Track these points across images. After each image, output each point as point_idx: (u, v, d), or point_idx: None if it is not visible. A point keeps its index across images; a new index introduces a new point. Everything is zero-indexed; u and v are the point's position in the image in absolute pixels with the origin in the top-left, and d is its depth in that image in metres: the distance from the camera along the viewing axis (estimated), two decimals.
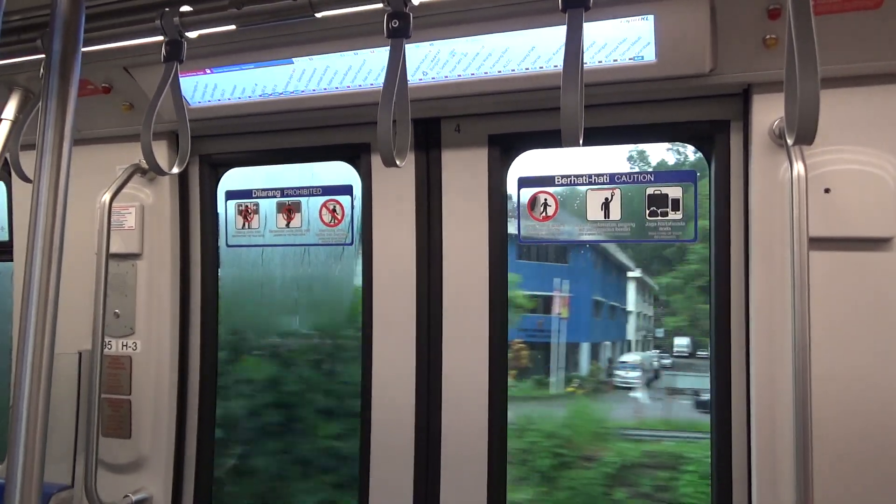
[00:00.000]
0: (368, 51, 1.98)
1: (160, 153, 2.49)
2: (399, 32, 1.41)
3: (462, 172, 2.29)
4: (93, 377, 2.31)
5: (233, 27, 1.66)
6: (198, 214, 2.64)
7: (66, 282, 1.09)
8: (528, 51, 1.88)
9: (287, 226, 2.59)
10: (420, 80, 2.01)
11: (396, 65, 1.41)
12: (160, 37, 1.67)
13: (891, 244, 1.74)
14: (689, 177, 2.11)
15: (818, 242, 1.76)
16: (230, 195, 2.66)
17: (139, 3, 1.72)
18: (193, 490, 2.63)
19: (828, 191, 1.77)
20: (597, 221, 2.19)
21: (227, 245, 2.69)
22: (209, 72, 2.18)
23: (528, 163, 2.30)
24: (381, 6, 1.43)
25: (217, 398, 2.69)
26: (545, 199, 2.26)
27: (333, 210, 2.52)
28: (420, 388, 2.32)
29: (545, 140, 2.23)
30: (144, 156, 1.69)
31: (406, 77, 1.45)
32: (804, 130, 1.09)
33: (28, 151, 2.12)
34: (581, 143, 1.24)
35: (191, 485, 2.64)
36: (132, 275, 2.54)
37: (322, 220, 2.55)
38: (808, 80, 1.06)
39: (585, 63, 1.33)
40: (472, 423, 2.26)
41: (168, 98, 1.66)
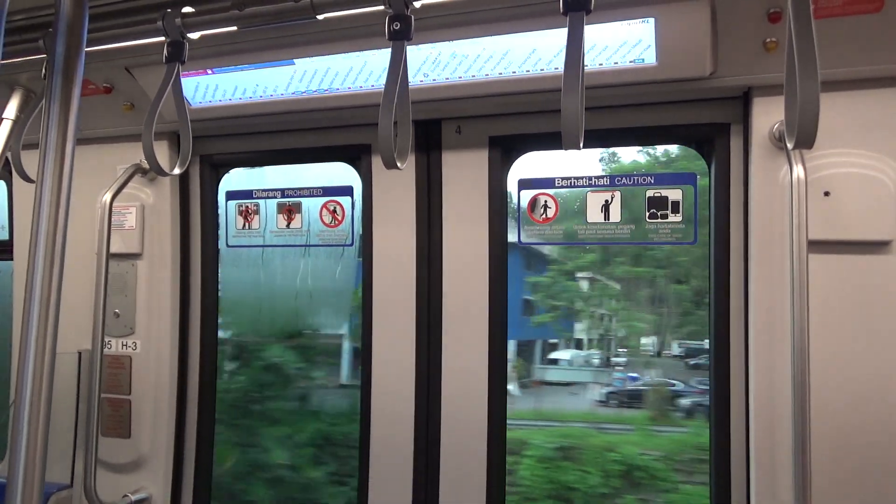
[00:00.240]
0: (369, 52, 1.98)
1: (161, 153, 2.49)
2: (400, 35, 1.42)
3: (462, 174, 2.30)
4: (92, 377, 2.31)
5: (234, 28, 1.67)
6: (198, 215, 2.65)
7: (66, 281, 1.10)
8: (529, 53, 1.88)
9: (287, 226, 2.59)
10: (421, 82, 2.02)
11: (398, 67, 1.41)
12: (162, 37, 1.68)
13: (890, 247, 1.75)
14: (690, 179, 2.11)
15: (818, 245, 1.76)
16: (230, 195, 2.66)
17: (141, 4, 1.72)
18: (193, 490, 2.64)
19: (827, 194, 1.77)
20: (597, 223, 2.19)
21: (228, 245, 2.69)
22: (210, 72, 2.19)
23: (529, 165, 2.31)
24: (383, 8, 1.43)
25: (216, 398, 2.69)
26: (545, 201, 2.26)
27: (334, 211, 2.53)
28: (419, 389, 2.32)
29: (545, 142, 2.24)
30: (146, 156, 1.69)
31: (407, 79, 1.45)
32: (804, 134, 1.09)
33: (28, 151, 2.12)
34: (581, 146, 1.24)
35: (190, 485, 2.64)
36: (132, 275, 2.55)
37: (322, 221, 2.55)
38: (808, 84, 1.07)
39: (586, 65, 1.33)
40: (472, 423, 2.27)
41: (169, 98, 1.67)
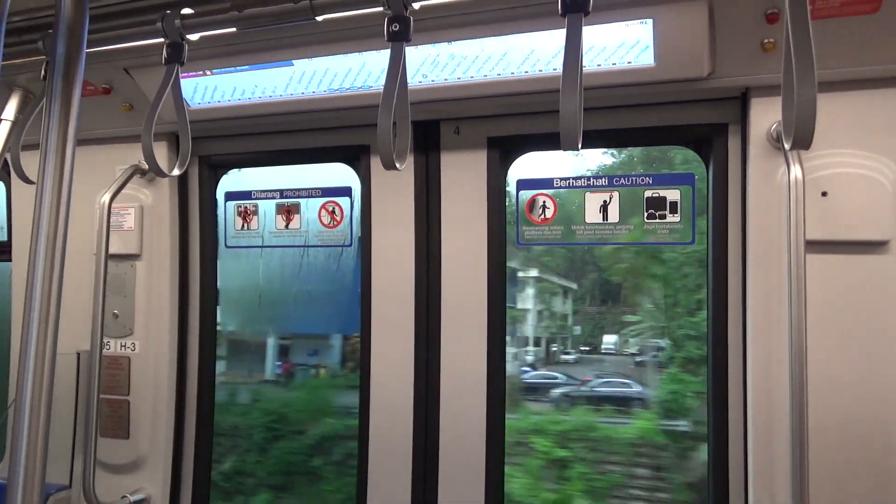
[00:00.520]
0: (368, 53, 1.99)
1: (160, 154, 2.49)
2: (399, 36, 1.42)
3: (461, 174, 2.30)
4: (91, 377, 2.31)
5: (234, 30, 1.67)
6: (197, 215, 2.65)
7: (65, 282, 1.10)
8: (528, 54, 1.89)
9: (286, 227, 2.59)
10: (420, 83, 2.02)
11: (397, 68, 1.41)
12: (161, 39, 1.68)
13: (887, 247, 1.75)
14: (688, 179, 2.12)
15: (815, 245, 1.77)
16: (229, 196, 2.66)
17: (141, 6, 1.73)
18: (192, 490, 2.63)
19: (825, 194, 1.78)
20: (595, 224, 2.20)
21: (227, 246, 2.69)
22: (209, 73, 2.19)
23: (527, 165, 2.31)
24: (382, 10, 1.44)
25: (215, 399, 2.69)
26: (544, 202, 2.27)
27: (332, 212, 2.53)
28: (418, 389, 2.32)
29: (544, 142, 2.24)
30: (145, 157, 1.69)
31: (406, 80, 1.45)
32: (801, 134, 1.10)
33: (27, 152, 2.12)
34: (580, 147, 1.24)
35: (189, 485, 2.64)
36: (131, 275, 2.55)
37: (321, 222, 2.55)
38: (806, 85, 1.07)
39: (584, 66, 1.33)
40: (471, 423, 2.27)
41: (168, 99, 1.67)
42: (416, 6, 1.45)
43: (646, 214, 2.14)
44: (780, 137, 1.81)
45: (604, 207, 2.18)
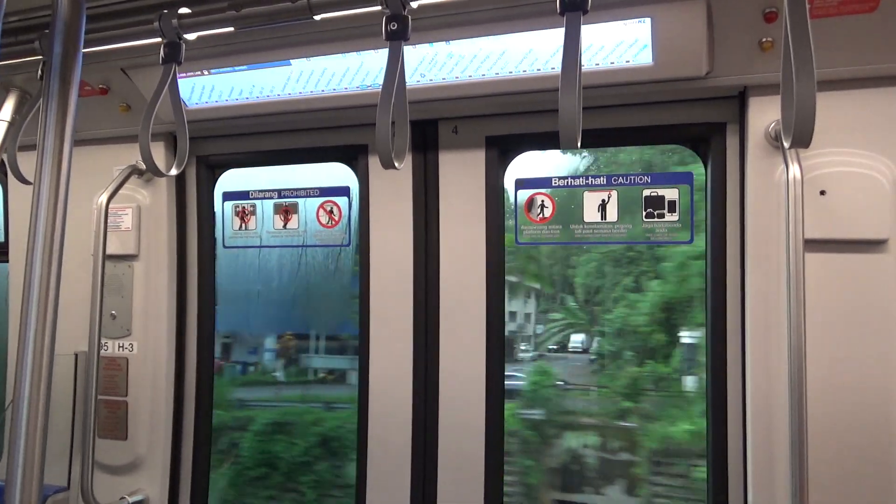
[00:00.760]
0: (366, 52, 1.98)
1: (157, 154, 2.48)
2: (397, 35, 1.42)
3: (459, 174, 2.30)
4: (89, 379, 2.30)
5: (231, 29, 1.66)
6: (195, 216, 2.64)
7: (63, 283, 1.09)
8: (526, 53, 1.88)
9: (284, 227, 2.59)
10: (418, 82, 2.02)
11: (395, 67, 1.41)
12: (158, 38, 1.67)
13: (886, 246, 1.75)
14: (686, 179, 2.12)
15: (814, 244, 1.77)
16: (227, 196, 2.66)
17: (138, 5, 1.72)
18: (190, 492, 2.63)
19: (823, 193, 1.78)
20: (593, 223, 2.20)
21: (224, 246, 2.69)
22: (206, 73, 2.18)
23: (526, 164, 2.31)
24: (380, 9, 1.43)
25: (213, 400, 2.69)
26: (542, 201, 2.26)
27: (331, 211, 2.52)
28: (417, 388, 2.32)
29: (542, 142, 2.24)
30: (143, 157, 1.69)
31: (404, 79, 1.45)
32: (801, 133, 1.10)
33: (23, 153, 2.12)
34: (579, 146, 1.24)
35: (187, 486, 2.63)
36: (129, 276, 2.54)
37: (319, 222, 2.55)
38: (805, 83, 1.07)
39: (583, 65, 1.33)
40: (469, 422, 2.27)
41: (166, 99, 1.66)
42: (415, 5, 1.45)
43: (644, 213, 2.14)
44: (779, 136, 1.82)
45: (602, 206, 2.18)
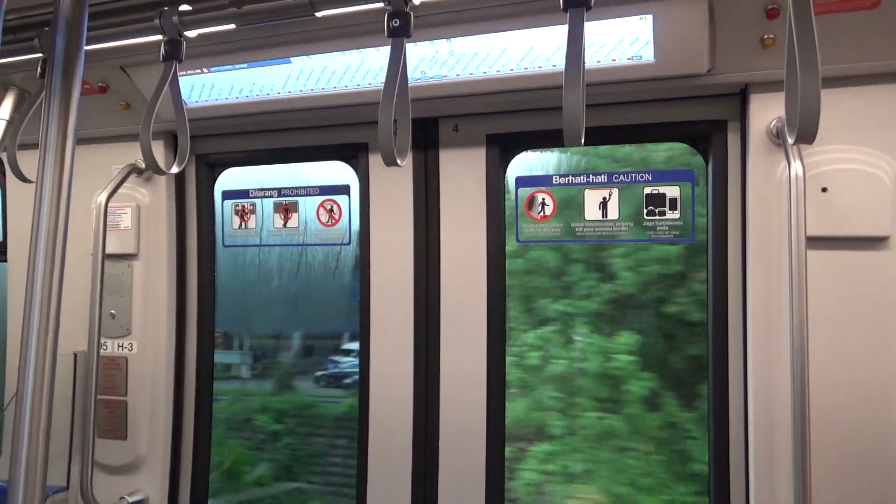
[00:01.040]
0: (366, 50, 1.98)
1: (157, 153, 2.47)
2: (400, 32, 1.41)
3: (460, 172, 2.29)
4: (88, 378, 2.29)
5: (233, 26, 1.66)
6: (194, 214, 2.63)
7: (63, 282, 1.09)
8: (527, 51, 1.88)
9: (284, 226, 2.58)
10: (418, 80, 2.01)
11: (397, 64, 1.40)
12: (159, 36, 1.66)
13: (887, 243, 1.75)
14: (687, 176, 2.12)
15: (815, 241, 1.77)
16: (227, 195, 2.65)
17: (138, 3, 1.71)
18: (190, 491, 2.62)
19: (825, 190, 1.78)
20: (594, 220, 2.20)
21: (224, 245, 2.68)
22: (206, 71, 2.18)
23: (527, 162, 2.31)
24: (382, 5, 1.43)
25: (213, 399, 2.68)
26: (543, 199, 2.26)
27: (331, 210, 2.52)
28: (418, 388, 2.32)
29: (543, 140, 2.24)
30: (144, 156, 1.68)
31: (406, 77, 1.44)
32: (805, 130, 1.09)
33: (22, 151, 2.11)
34: (583, 143, 1.24)
35: (187, 486, 2.62)
36: (128, 275, 2.53)
37: (319, 220, 2.54)
38: (810, 79, 1.07)
39: (585, 62, 1.33)
40: (470, 423, 2.26)
41: (166, 97, 1.66)
42: (417, 2, 1.44)
43: (645, 211, 2.14)
44: (780, 133, 1.82)
45: (603, 204, 2.18)
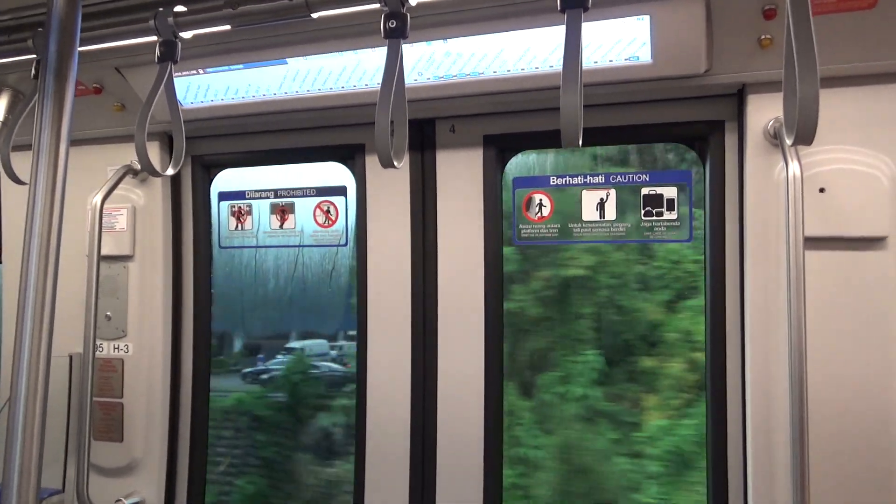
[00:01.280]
0: (363, 51, 1.97)
1: (153, 154, 2.47)
2: (396, 33, 1.40)
3: (457, 173, 2.29)
4: (84, 380, 2.28)
5: (228, 27, 1.65)
6: (190, 216, 2.62)
7: (58, 284, 1.08)
8: (524, 51, 1.87)
9: (280, 227, 2.58)
10: (415, 81, 2.01)
11: (394, 65, 1.40)
12: (154, 37, 1.65)
13: (885, 243, 1.75)
14: (685, 177, 2.12)
15: (813, 242, 1.77)
16: (223, 196, 2.64)
17: (133, 3, 1.70)
18: (186, 493, 2.61)
19: (822, 190, 1.78)
20: (592, 221, 2.19)
21: (220, 246, 2.67)
22: (202, 72, 2.17)
23: (524, 163, 2.31)
24: (378, 6, 1.42)
25: (209, 401, 2.67)
26: (540, 200, 2.26)
27: (327, 211, 2.51)
28: (416, 388, 2.31)
29: (540, 140, 2.23)
30: (139, 157, 1.67)
31: (403, 78, 1.44)
32: (804, 130, 1.09)
33: (16, 153, 2.09)
34: (580, 144, 1.24)
35: (184, 488, 2.62)
36: (124, 277, 2.52)
37: (316, 222, 2.54)
38: (808, 80, 1.07)
39: (582, 63, 1.33)
40: (468, 423, 2.26)
41: (161, 98, 1.65)
42: (413, 3, 1.43)
43: (643, 212, 2.14)
44: (778, 134, 1.81)
45: (601, 205, 2.18)
